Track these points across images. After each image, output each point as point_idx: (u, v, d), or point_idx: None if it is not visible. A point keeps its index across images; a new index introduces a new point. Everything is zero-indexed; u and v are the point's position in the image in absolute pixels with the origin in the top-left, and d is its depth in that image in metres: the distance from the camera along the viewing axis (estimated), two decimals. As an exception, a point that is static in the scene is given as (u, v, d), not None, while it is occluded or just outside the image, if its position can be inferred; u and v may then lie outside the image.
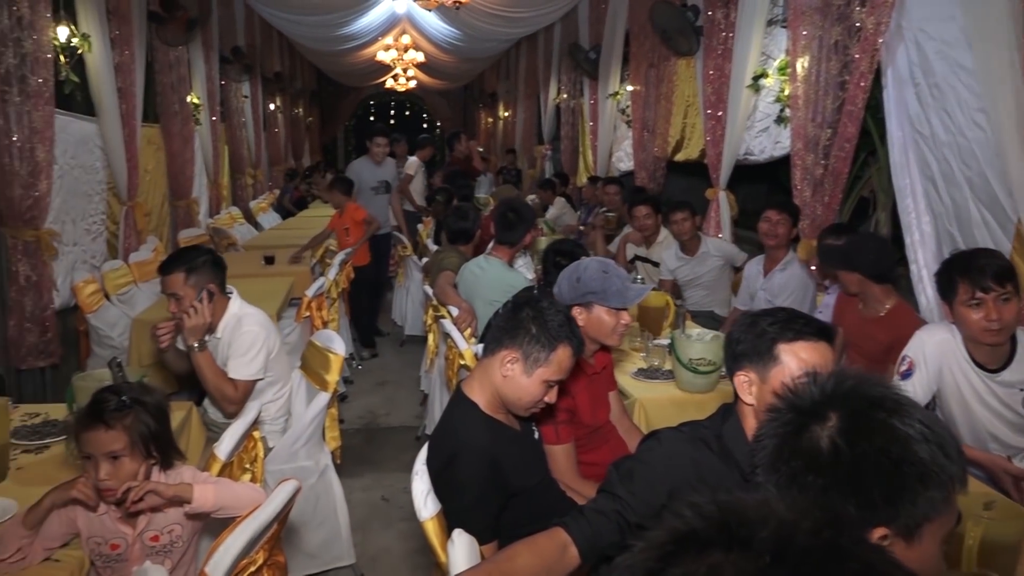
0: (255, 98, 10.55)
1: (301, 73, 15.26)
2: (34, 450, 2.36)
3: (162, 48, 6.49)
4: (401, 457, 4.36)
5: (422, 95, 18.99)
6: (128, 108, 5.44)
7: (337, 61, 13.26)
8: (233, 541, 1.61)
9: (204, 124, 7.81)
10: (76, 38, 4.77)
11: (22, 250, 4.14)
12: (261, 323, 2.94)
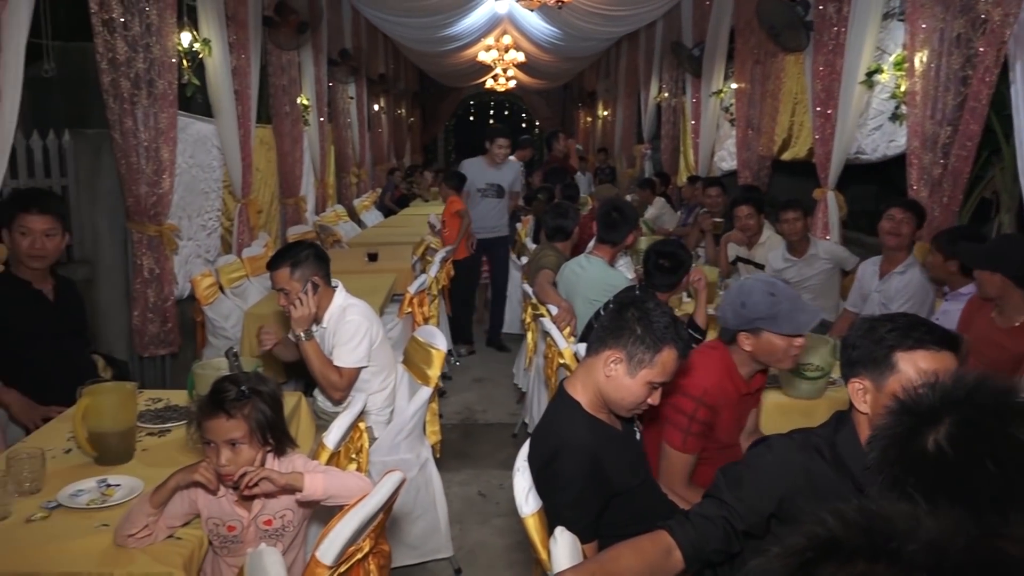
0: (360, 99, 10.83)
1: (404, 74, 15.58)
2: (157, 433, 2.50)
3: (275, 52, 6.75)
4: (498, 454, 4.40)
5: (521, 95, 19.10)
6: (243, 110, 5.68)
7: (439, 62, 13.48)
8: (342, 528, 1.66)
9: (312, 125, 8.07)
10: (198, 43, 5.01)
11: (146, 244, 4.38)
12: (364, 313, 3.04)
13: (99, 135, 4.35)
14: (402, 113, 15.93)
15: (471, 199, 6.32)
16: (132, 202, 4.29)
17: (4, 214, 2.91)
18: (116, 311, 4.53)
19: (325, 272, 3.03)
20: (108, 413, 2.23)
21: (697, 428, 2.28)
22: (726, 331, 2.39)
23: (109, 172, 4.40)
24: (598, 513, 1.87)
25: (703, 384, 2.32)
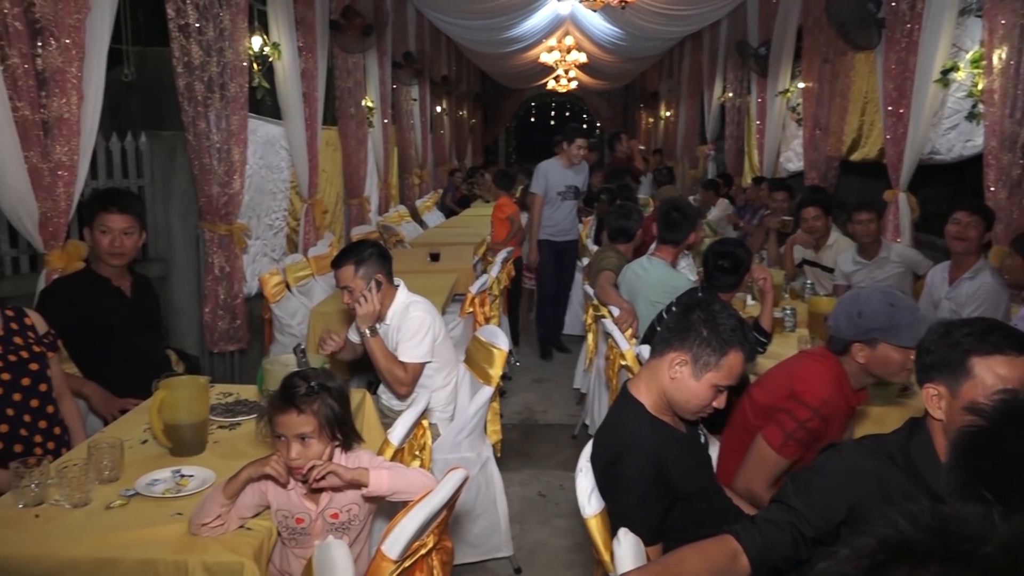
0: (423, 101, 10.95)
1: (466, 76, 15.69)
2: (228, 426, 2.57)
3: (341, 55, 6.87)
4: (558, 455, 4.40)
5: (582, 96, 19.05)
6: (311, 112, 5.80)
7: (501, 63, 13.55)
8: (407, 523, 1.69)
9: (376, 126, 8.19)
10: (268, 47, 5.14)
11: (217, 243, 4.50)
12: (427, 310, 3.09)
13: (174, 137, 4.50)
14: (464, 115, 16.05)
15: (551, 203, 6.04)
16: (204, 202, 4.42)
17: (86, 213, 3.04)
18: (188, 308, 4.67)
19: (388, 271, 3.08)
20: (183, 406, 2.30)
21: (802, 435, 2.22)
22: (837, 340, 2.31)
23: (183, 173, 4.54)
24: (662, 516, 1.86)
25: (821, 395, 2.25)
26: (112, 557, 1.79)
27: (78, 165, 3.20)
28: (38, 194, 3.06)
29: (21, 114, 2.93)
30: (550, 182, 6.03)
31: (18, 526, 1.90)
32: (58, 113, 3.08)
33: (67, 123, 3.11)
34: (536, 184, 6.09)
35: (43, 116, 3.05)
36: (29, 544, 1.82)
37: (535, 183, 6.11)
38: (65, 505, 1.98)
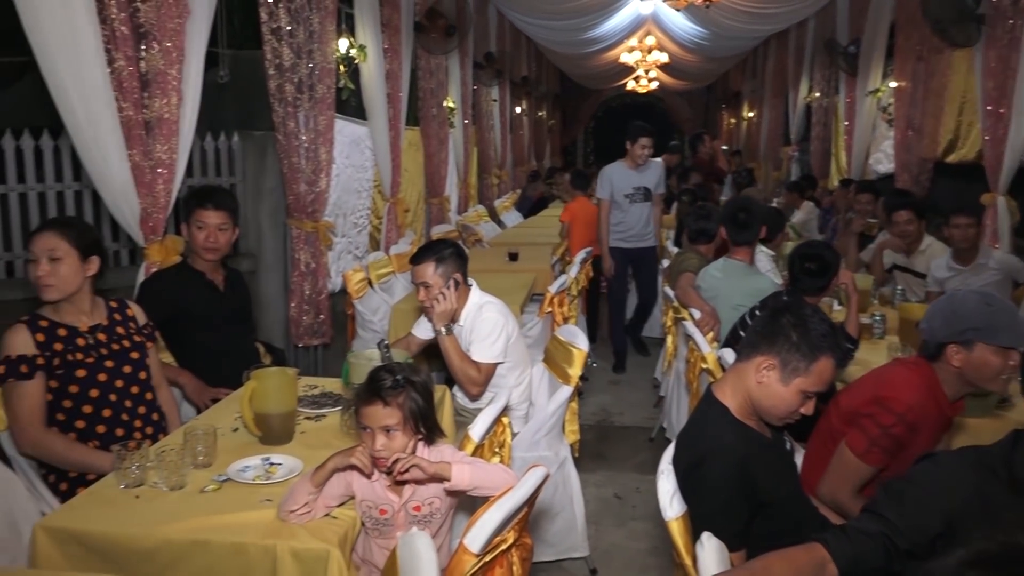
0: (503, 101, 11.01)
1: (546, 77, 15.71)
2: (314, 418, 2.64)
3: (424, 56, 6.98)
4: (634, 457, 4.37)
5: (662, 96, 18.83)
6: (394, 112, 5.90)
7: (581, 64, 13.51)
8: (489, 518, 1.70)
9: (457, 127, 8.28)
10: (354, 49, 5.25)
11: (303, 240, 4.63)
12: (500, 310, 3.11)
13: (264, 137, 4.65)
14: (543, 115, 16.07)
15: (619, 206, 5.77)
16: (292, 200, 4.55)
17: (184, 209, 3.17)
18: (275, 302, 4.82)
19: (464, 271, 3.12)
20: (272, 396, 2.37)
21: (887, 443, 2.16)
22: (930, 344, 2.23)
23: (272, 171, 4.69)
24: (746, 521, 1.83)
25: (908, 400, 2.18)
26: (205, 539, 1.86)
27: (177, 163, 3.33)
28: (139, 190, 3.20)
29: (125, 114, 3.07)
30: (615, 185, 5.78)
31: (120, 505, 2.00)
32: (159, 113, 3.21)
33: (167, 123, 3.24)
34: (601, 188, 5.86)
35: (145, 116, 3.18)
36: (130, 523, 1.91)
37: (600, 188, 5.88)
38: (163, 487, 2.07)
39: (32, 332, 2.37)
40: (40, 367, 2.34)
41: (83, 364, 2.42)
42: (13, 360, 2.30)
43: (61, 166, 3.97)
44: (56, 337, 2.40)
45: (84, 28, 2.83)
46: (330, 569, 1.80)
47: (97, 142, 2.98)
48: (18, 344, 2.33)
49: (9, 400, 2.34)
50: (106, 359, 2.48)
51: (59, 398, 2.39)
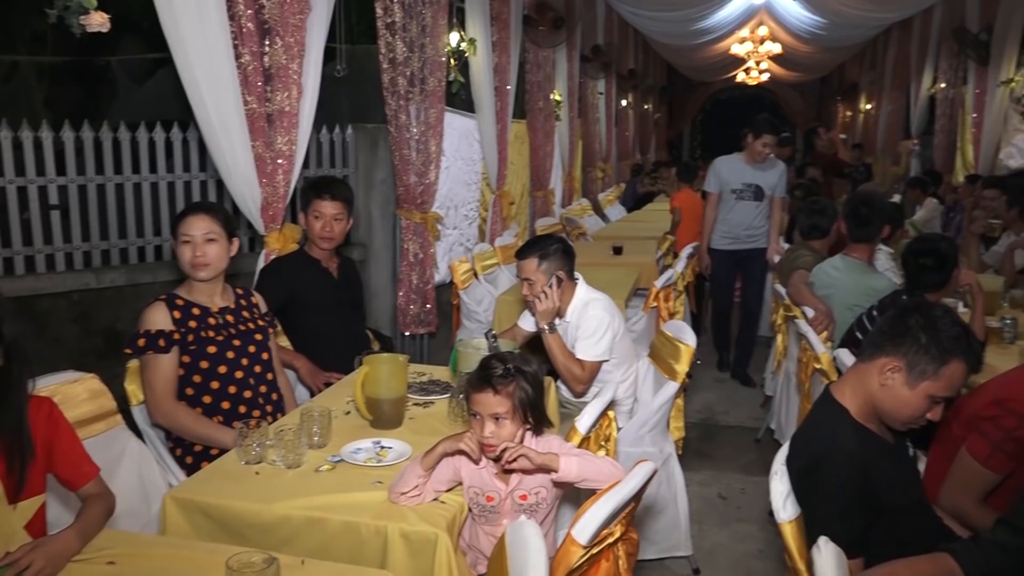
0: (609, 95, 10.93)
1: (653, 70, 15.49)
2: (422, 404, 2.69)
3: (532, 49, 6.99)
4: (740, 457, 4.27)
5: (773, 88, 18.24)
6: (502, 105, 5.95)
7: (689, 56, 13.26)
8: (597, 510, 1.69)
9: (563, 120, 8.27)
10: (464, 43, 5.31)
11: (412, 230, 4.73)
12: (606, 307, 3.08)
13: (377, 129, 4.77)
14: (649, 108, 15.85)
15: (724, 202, 5.36)
16: (402, 191, 4.65)
17: (302, 199, 3.29)
18: (383, 291, 4.94)
19: (570, 268, 3.10)
20: (383, 381, 2.44)
21: (1011, 447, 2.04)
22: None
23: (384, 163, 4.81)
24: (864, 528, 1.76)
25: None
26: (320, 517, 1.92)
27: (295, 154, 3.46)
28: (261, 180, 3.34)
29: (250, 107, 3.21)
30: (723, 178, 5.32)
31: (241, 480, 2.09)
32: (280, 106, 3.34)
33: (288, 115, 3.36)
34: (710, 181, 5.45)
35: (267, 109, 3.31)
36: (250, 497, 2.00)
37: (708, 180, 5.48)
38: (280, 465, 2.16)
39: (170, 309, 2.50)
40: (176, 342, 2.47)
41: (213, 341, 2.55)
42: (152, 334, 2.44)
43: (189, 157, 4.18)
44: (191, 315, 2.53)
45: (215, 25, 2.97)
46: (438, 552, 1.84)
47: (224, 134, 3.12)
48: (157, 319, 2.47)
49: (146, 372, 2.48)
50: (233, 339, 2.61)
51: (190, 373, 2.52)
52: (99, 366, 2.63)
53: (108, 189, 3.91)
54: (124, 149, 3.95)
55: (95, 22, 2.48)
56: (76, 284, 3.70)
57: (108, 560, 1.68)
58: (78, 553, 1.68)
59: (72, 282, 3.69)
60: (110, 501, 1.88)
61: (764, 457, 4.10)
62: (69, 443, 1.87)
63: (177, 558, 1.70)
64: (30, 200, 3.63)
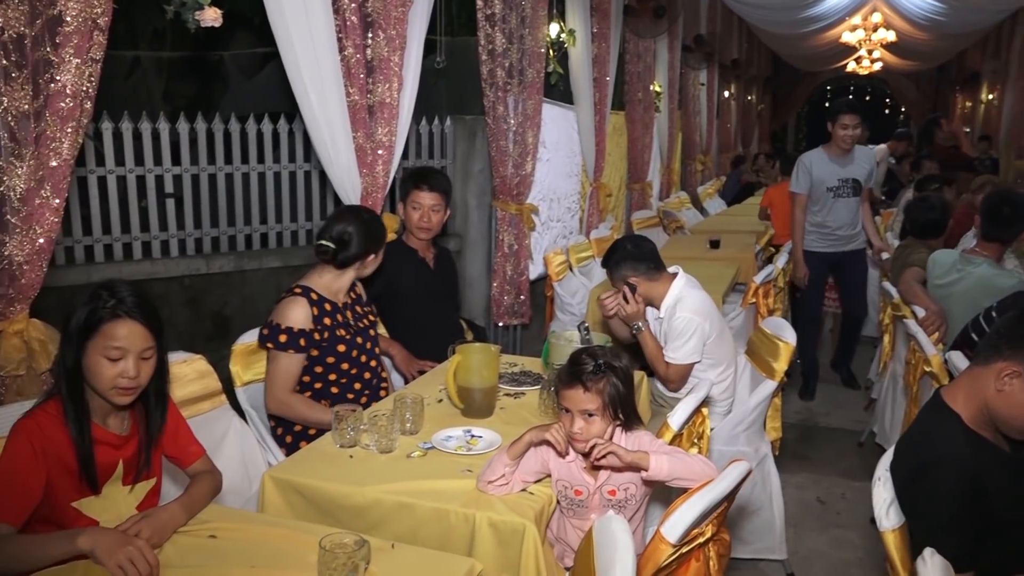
0: (711, 85, 10.69)
1: (757, 59, 15.06)
2: (513, 395, 2.70)
3: (632, 39, 6.90)
4: (840, 461, 4.12)
5: (886, 78, 17.46)
6: (600, 96, 5.90)
7: (797, 45, 12.80)
8: (687, 509, 1.66)
9: (663, 111, 8.14)
10: (564, 34, 5.29)
11: (508, 221, 4.75)
12: (695, 309, 2.98)
13: (475, 121, 4.80)
14: (752, 99, 15.43)
15: (820, 202, 4.80)
16: (499, 182, 4.67)
17: (401, 189, 3.35)
18: (478, 281, 4.98)
19: (645, 265, 3.03)
20: (475, 371, 2.45)
21: None
22: None
23: (481, 154, 4.84)
24: (975, 542, 1.66)
25: None
26: (410, 502, 1.95)
27: (395, 145, 3.52)
28: (361, 171, 3.41)
29: (352, 99, 3.28)
30: (816, 176, 4.75)
31: (336, 463, 2.15)
32: (381, 98, 3.40)
33: (388, 107, 3.42)
34: (797, 181, 4.82)
35: (368, 101, 3.38)
36: (343, 480, 2.05)
37: (796, 179, 4.84)
38: (374, 450, 2.20)
39: (310, 305, 2.55)
40: (315, 342, 2.54)
41: (343, 340, 2.62)
42: (295, 332, 2.50)
43: (295, 148, 4.31)
44: (324, 311, 2.60)
45: (320, 18, 3.05)
46: (525, 543, 1.84)
47: (326, 125, 3.20)
48: (301, 318, 2.51)
49: (274, 364, 2.54)
50: (357, 335, 2.68)
51: (312, 364, 2.58)
52: (206, 348, 2.73)
53: (219, 178, 4.07)
54: (234, 140, 4.11)
55: (208, 17, 2.58)
56: (188, 269, 3.88)
57: (210, 534, 1.76)
58: (183, 525, 1.76)
59: (184, 267, 3.87)
60: (217, 479, 1.97)
61: (866, 462, 3.95)
62: (176, 426, 1.96)
63: (274, 535, 1.75)
64: (148, 189, 3.82)
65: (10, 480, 1.65)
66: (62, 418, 1.72)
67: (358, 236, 2.63)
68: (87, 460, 1.72)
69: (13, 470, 1.66)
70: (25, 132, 2.00)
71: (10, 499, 1.64)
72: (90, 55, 2.08)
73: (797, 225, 4.86)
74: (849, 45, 12.14)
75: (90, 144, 3.60)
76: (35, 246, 2.08)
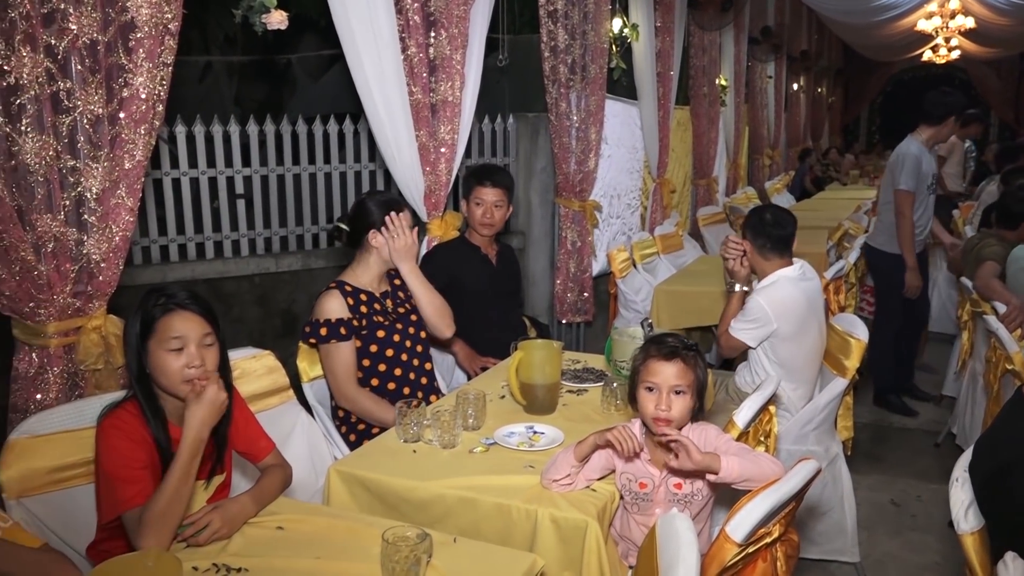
0: (779, 78, 10.46)
1: (827, 50, 14.67)
2: (576, 391, 2.69)
3: (697, 32, 6.80)
4: (915, 462, 3.98)
5: (964, 66, 16.78)
6: (664, 91, 5.84)
7: (869, 34, 12.41)
8: (754, 508, 1.62)
9: (729, 105, 8.00)
10: (627, 28, 5.24)
11: (570, 218, 4.73)
12: (774, 301, 2.91)
13: (538, 118, 4.80)
14: (822, 91, 15.04)
15: (920, 199, 4.41)
16: (561, 179, 4.66)
17: (464, 186, 3.37)
18: (541, 279, 4.98)
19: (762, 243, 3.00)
20: (538, 367, 2.45)
21: None
22: None
23: (543, 151, 4.83)
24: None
25: None
26: (473, 497, 1.96)
27: (458, 143, 3.54)
28: (424, 169, 3.44)
29: (415, 98, 3.31)
30: (923, 172, 4.36)
31: (400, 457, 2.17)
32: (443, 96, 3.42)
33: (450, 105, 3.44)
34: (907, 176, 4.34)
35: (431, 99, 3.41)
36: (407, 474, 2.07)
37: (905, 175, 4.35)
38: (436, 445, 2.22)
39: (343, 297, 2.62)
40: (354, 329, 2.59)
41: (382, 326, 2.67)
42: (333, 323, 2.56)
43: (360, 149, 4.38)
44: (360, 301, 2.65)
45: (383, 18, 3.09)
46: (588, 539, 1.83)
47: (389, 124, 3.24)
48: (335, 308, 2.58)
49: (328, 360, 2.61)
50: (396, 322, 2.72)
51: (360, 356, 2.64)
52: (275, 345, 2.79)
53: (287, 179, 4.16)
54: (301, 141, 4.19)
55: (275, 20, 2.64)
56: (258, 268, 3.98)
57: (278, 525, 1.80)
58: (253, 516, 1.80)
59: (254, 266, 3.96)
60: (287, 472, 2.01)
61: (942, 463, 3.82)
62: (246, 421, 2.01)
63: (339, 528, 1.78)
64: (219, 190, 3.93)
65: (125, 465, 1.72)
66: (142, 417, 1.79)
67: (353, 213, 2.74)
68: (168, 457, 1.77)
69: (120, 461, 1.72)
70: (100, 135, 2.07)
71: (134, 485, 1.70)
72: (161, 59, 2.14)
73: (909, 228, 4.37)
74: (925, 33, 11.72)
75: (165, 147, 3.71)
76: (112, 244, 2.15)
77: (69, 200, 2.06)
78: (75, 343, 2.16)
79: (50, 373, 2.13)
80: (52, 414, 1.95)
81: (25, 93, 1.92)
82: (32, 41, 1.91)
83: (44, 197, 2.00)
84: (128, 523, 1.67)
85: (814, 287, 3.03)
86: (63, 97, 2.00)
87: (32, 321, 2.09)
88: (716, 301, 3.22)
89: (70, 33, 1.97)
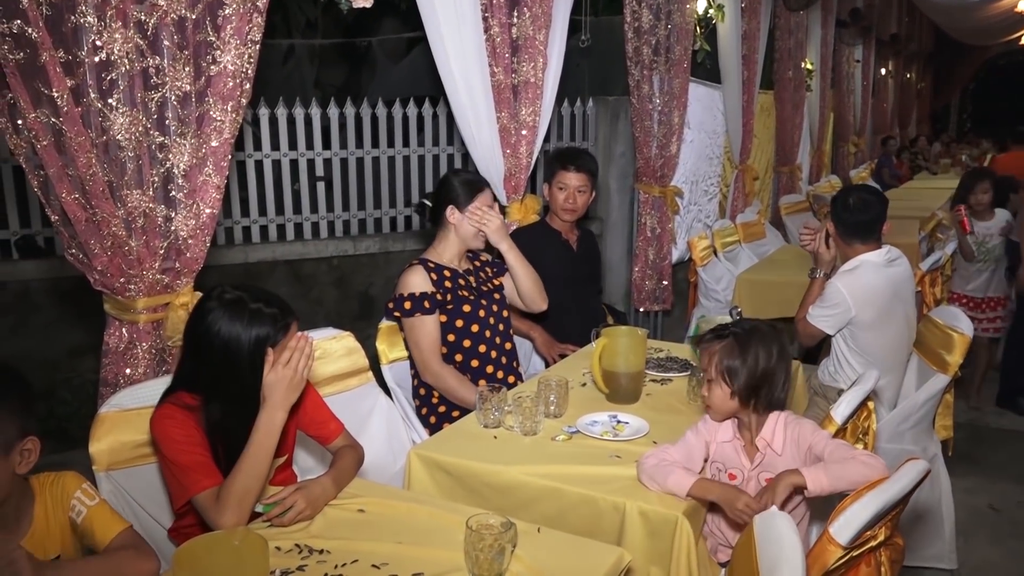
0: (867, 62, 10.06)
1: (918, 34, 14.07)
2: (660, 381, 2.60)
3: (783, 14, 6.56)
4: (1015, 466, 3.78)
5: (1067, 50, 15.92)
6: (749, 75, 5.65)
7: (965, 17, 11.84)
8: (860, 510, 1.52)
9: (815, 90, 7.73)
10: (712, 9, 5.08)
11: (650, 204, 4.62)
12: (853, 287, 2.78)
13: (618, 102, 4.70)
14: (911, 77, 14.43)
15: None
16: (642, 164, 4.55)
17: (547, 169, 3.30)
18: (618, 265, 4.89)
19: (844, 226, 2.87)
20: (621, 355, 2.37)
21: None
22: None
23: (624, 136, 4.73)
24: None
25: None
26: (557, 487, 1.90)
27: (539, 125, 3.47)
28: (504, 151, 3.39)
29: (496, 79, 3.26)
30: None
31: (481, 442, 2.13)
32: (525, 77, 3.36)
33: (532, 86, 3.38)
34: None
35: (513, 80, 3.35)
36: (488, 459, 2.02)
37: None
38: (517, 431, 2.16)
39: (427, 272, 2.60)
40: (438, 303, 2.58)
41: (467, 300, 2.64)
42: (417, 297, 2.55)
43: (438, 132, 4.35)
44: (444, 277, 2.63)
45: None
46: (678, 536, 1.75)
47: (470, 105, 3.20)
48: (418, 283, 2.57)
49: (413, 333, 2.59)
50: (481, 298, 2.69)
51: (444, 332, 2.61)
52: (353, 327, 2.78)
53: (366, 162, 4.17)
54: (381, 125, 4.19)
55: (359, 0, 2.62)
56: (336, 251, 3.99)
57: (359, 508, 1.77)
58: (334, 498, 1.78)
59: (333, 248, 3.98)
60: (359, 452, 1.98)
61: (1049, 468, 3.61)
62: (314, 405, 1.99)
63: (420, 513, 1.74)
64: (300, 172, 3.96)
65: (184, 451, 1.71)
66: (191, 410, 1.76)
67: (436, 189, 2.73)
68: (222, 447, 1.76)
69: (179, 447, 1.71)
70: (188, 112, 2.07)
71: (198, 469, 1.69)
72: (249, 37, 2.13)
73: None
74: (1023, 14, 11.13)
75: (248, 129, 3.75)
76: (199, 221, 2.16)
77: (158, 176, 2.07)
78: (163, 319, 2.18)
79: (139, 348, 2.16)
80: (140, 389, 1.97)
81: (116, 69, 1.93)
82: (123, 17, 1.91)
83: (134, 173, 2.01)
84: (201, 504, 1.67)
85: (902, 273, 2.89)
86: (152, 73, 2.01)
87: (123, 296, 2.11)
88: (800, 291, 3.07)
89: (159, 9, 1.97)
